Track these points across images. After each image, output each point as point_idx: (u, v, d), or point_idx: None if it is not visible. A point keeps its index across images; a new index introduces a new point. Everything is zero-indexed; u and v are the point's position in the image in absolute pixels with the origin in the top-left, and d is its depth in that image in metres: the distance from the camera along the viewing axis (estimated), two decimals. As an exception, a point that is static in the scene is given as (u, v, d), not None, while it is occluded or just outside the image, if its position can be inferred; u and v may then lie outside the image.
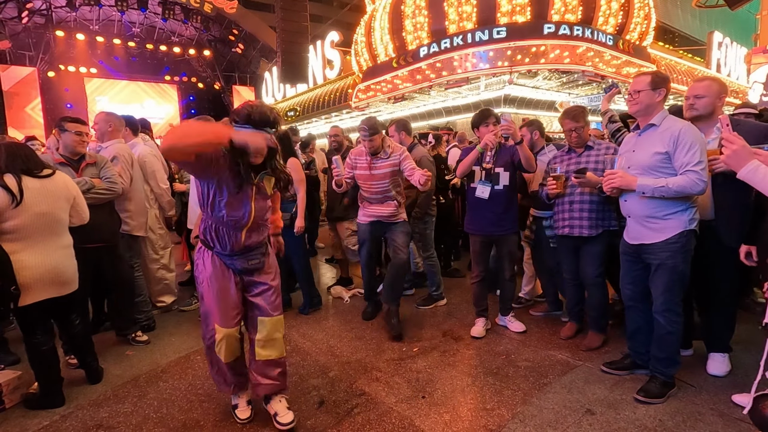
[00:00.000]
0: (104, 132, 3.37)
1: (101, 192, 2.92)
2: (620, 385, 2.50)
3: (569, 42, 10.66)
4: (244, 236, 2.09)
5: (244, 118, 1.93)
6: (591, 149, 2.91)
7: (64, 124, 2.90)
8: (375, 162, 3.28)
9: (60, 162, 2.89)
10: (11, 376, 2.53)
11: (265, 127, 1.96)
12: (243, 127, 1.93)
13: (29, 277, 2.31)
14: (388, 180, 3.30)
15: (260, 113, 1.93)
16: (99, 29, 17.20)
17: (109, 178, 2.98)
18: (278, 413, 2.20)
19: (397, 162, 3.25)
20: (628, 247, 2.45)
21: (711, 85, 2.41)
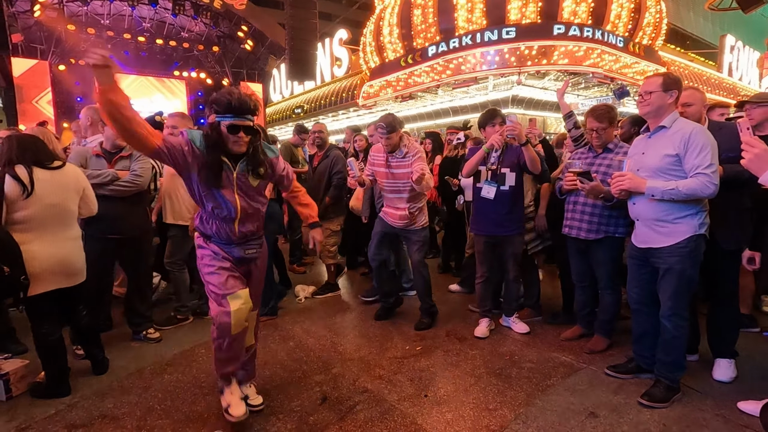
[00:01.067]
0: (85, 127, 3.38)
1: (123, 184, 2.95)
2: (624, 389, 2.49)
3: (579, 43, 10.59)
4: (237, 227, 2.11)
5: (225, 106, 1.93)
6: (610, 152, 2.84)
7: None
8: (391, 160, 3.29)
9: (97, 154, 2.95)
10: (19, 364, 2.56)
11: (246, 114, 1.97)
12: (224, 117, 1.94)
13: (39, 267, 2.34)
14: (405, 181, 3.27)
15: (240, 101, 1.93)
16: (110, 24, 17.32)
17: (134, 171, 3.02)
18: (249, 396, 2.34)
19: (410, 163, 3.22)
20: (636, 250, 2.43)
21: (694, 93, 2.40)
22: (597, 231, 2.81)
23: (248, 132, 2.00)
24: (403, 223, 3.37)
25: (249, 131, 2.00)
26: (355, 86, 15.68)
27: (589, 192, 2.72)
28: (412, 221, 3.37)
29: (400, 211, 3.36)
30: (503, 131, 2.97)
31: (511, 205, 3.13)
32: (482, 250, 3.27)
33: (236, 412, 2.10)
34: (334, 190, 4.00)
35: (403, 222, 3.36)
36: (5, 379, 2.45)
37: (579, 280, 3.09)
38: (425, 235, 3.48)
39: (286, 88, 20.71)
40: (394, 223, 3.41)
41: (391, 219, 3.42)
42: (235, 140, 1.98)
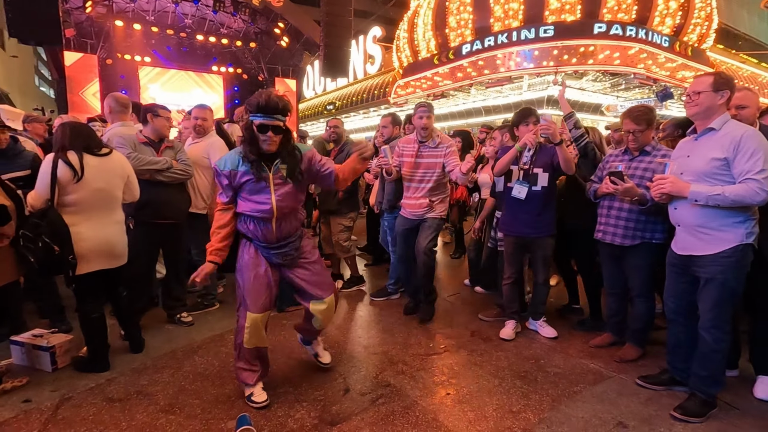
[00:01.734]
0: (107, 114, 3.46)
1: (178, 172, 3.10)
2: (656, 401, 2.40)
3: (621, 42, 10.21)
4: (275, 226, 2.19)
5: (255, 106, 2.04)
6: (647, 155, 2.73)
7: (157, 111, 3.13)
8: (422, 150, 3.33)
9: (143, 142, 3.09)
10: (64, 339, 2.73)
11: (275, 114, 2.05)
12: (255, 116, 2.05)
13: (85, 248, 2.48)
14: (431, 172, 3.31)
15: (268, 101, 2.03)
16: (154, 20, 18.04)
17: (184, 161, 3.17)
18: (318, 353, 2.68)
19: (443, 154, 3.24)
20: (676, 258, 2.33)
21: (749, 95, 2.27)
22: (633, 237, 2.71)
23: (277, 131, 2.08)
24: (422, 211, 3.40)
25: (278, 131, 2.08)
26: (387, 84, 15.71)
27: (623, 194, 2.63)
28: (430, 210, 3.40)
29: (420, 200, 3.40)
30: (537, 130, 2.91)
31: (542, 206, 3.07)
32: (511, 251, 3.22)
33: (259, 398, 2.27)
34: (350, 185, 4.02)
35: (422, 209, 3.40)
36: (52, 351, 2.61)
37: (611, 287, 2.99)
38: (438, 224, 3.48)
39: (318, 85, 20.99)
40: (413, 213, 3.43)
41: (410, 209, 3.45)
42: (264, 139, 2.07)
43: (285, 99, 2.11)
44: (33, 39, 8.52)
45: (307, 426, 2.14)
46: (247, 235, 2.26)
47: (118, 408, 2.26)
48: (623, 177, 2.60)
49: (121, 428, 2.10)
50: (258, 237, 2.22)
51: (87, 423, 2.13)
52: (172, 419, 2.17)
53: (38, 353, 2.62)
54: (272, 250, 2.23)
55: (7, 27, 7.96)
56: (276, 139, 2.09)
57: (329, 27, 10.99)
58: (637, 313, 2.84)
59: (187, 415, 2.21)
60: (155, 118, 3.11)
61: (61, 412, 2.22)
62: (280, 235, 2.22)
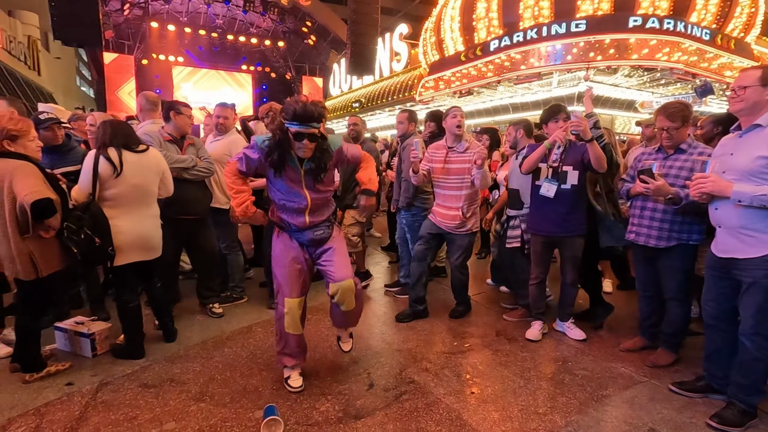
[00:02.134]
0: (137, 113, 3.60)
1: (202, 170, 3.20)
2: (690, 408, 2.31)
3: (657, 36, 9.79)
4: (307, 218, 2.27)
5: (291, 114, 2.08)
6: (682, 153, 2.62)
7: (179, 108, 3.20)
8: (451, 155, 3.30)
9: (168, 140, 3.18)
10: (103, 327, 2.86)
11: (310, 123, 2.09)
12: (291, 124, 2.09)
13: (123, 241, 2.59)
14: (461, 178, 3.26)
15: (305, 110, 2.06)
16: (187, 21, 18.60)
17: (207, 159, 3.27)
18: (341, 338, 2.68)
19: (471, 160, 3.20)
20: (716, 261, 2.22)
21: None
22: (668, 238, 2.61)
23: (312, 139, 2.13)
24: (454, 224, 3.33)
25: (313, 138, 2.13)
26: (413, 81, 15.64)
27: (654, 192, 2.53)
28: (463, 225, 3.32)
29: (453, 211, 3.31)
30: (567, 127, 2.84)
31: (571, 204, 2.99)
32: (539, 251, 3.16)
33: (294, 383, 2.41)
34: None
35: (455, 223, 3.32)
36: (92, 338, 2.75)
37: (644, 290, 2.90)
38: (470, 241, 3.43)
39: (345, 83, 21.09)
40: (443, 223, 3.36)
41: (441, 219, 3.37)
42: (300, 146, 2.13)
43: (320, 105, 2.14)
44: (75, 41, 8.94)
45: (332, 419, 2.17)
46: (279, 224, 2.33)
47: (152, 394, 2.36)
48: (653, 175, 2.51)
49: (155, 413, 2.19)
50: (292, 226, 2.30)
51: (124, 407, 2.23)
52: (203, 407, 2.25)
53: (80, 339, 2.77)
54: (305, 231, 2.31)
55: (51, 30, 8.38)
56: (311, 146, 2.15)
57: (356, 25, 11.04)
58: (671, 318, 2.74)
59: (217, 404, 2.28)
60: (177, 116, 3.19)
61: (101, 396, 2.33)
62: (312, 221, 2.30)
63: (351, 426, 2.12)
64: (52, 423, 2.09)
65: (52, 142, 3.11)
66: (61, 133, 3.19)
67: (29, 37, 14.95)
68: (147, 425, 2.10)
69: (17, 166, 2.26)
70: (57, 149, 3.18)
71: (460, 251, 3.42)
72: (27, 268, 2.30)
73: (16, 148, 2.31)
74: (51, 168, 2.96)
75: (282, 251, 2.33)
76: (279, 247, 2.34)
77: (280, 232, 2.36)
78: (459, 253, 3.43)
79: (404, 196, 3.90)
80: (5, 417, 2.14)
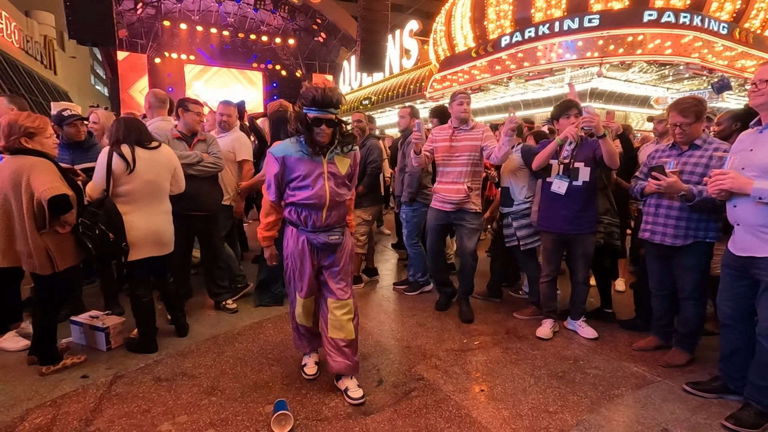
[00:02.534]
0: (146, 110, 3.56)
1: (208, 166, 3.22)
2: (705, 409, 2.27)
3: (673, 31, 9.60)
4: (324, 215, 2.25)
5: (310, 100, 2.10)
6: (697, 149, 2.57)
7: (187, 105, 3.23)
8: (457, 134, 3.27)
9: (177, 137, 3.22)
10: (117, 321, 2.92)
11: (328, 108, 2.11)
12: (309, 110, 2.11)
13: (136, 236, 2.63)
14: (467, 155, 3.23)
15: (324, 95, 2.09)
16: (199, 19, 18.76)
17: (215, 154, 3.29)
18: (349, 388, 2.32)
19: (480, 137, 3.20)
20: (733, 259, 2.17)
21: None
22: (685, 236, 2.56)
23: (330, 124, 2.15)
24: (459, 198, 3.24)
25: (331, 124, 2.16)
26: (423, 78, 15.58)
27: (666, 189, 2.49)
28: (467, 199, 3.25)
29: (458, 185, 3.26)
30: (579, 123, 2.80)
31: (583, 201, 2.96)
32: (550, 248, 3.13)
33: (309, 371, 2.52)
34: (368, 178, 3.97)
35: (459, 197, 3.24)
36: (107, 332, 2.80)
37: (658, 288, 2.85)
38: (480, 222, 3.38)
39: (354, 80, 21.09)
40: (448, 199, 3.28)
41: (445, 195, 3.30)
42: (318, 132, 2.14)
43: (338, 91, 2.16)
44: (90, 40, 9.07)
45: (341, 414, 2.18)
46: (294, 222, 2.32)
47: (165, 387, 2.40)
48: (665, 172, 2.46)
49: (168, 407, 2.22)
50: (308, 225, 2.28)
51: (137, 400, 2.27)
52: (214, 401, 2.28)
53: (95, 333, 2.82)
54: (319, 233, 2.29)
55: (67, 29, 8.52)
56: (329, 131, 2.17)
57: (366, 22, 11.02)
58: (686, 317, 2.69)
59: (228, 398, 2.31)
60: (185, 113, 3.22)
61: (115, 389, 2.37)
62: (328, 222, 2.29)
63: (360, 422, 2.12)
64: (68, 414, 2.14)
65: (75, 138, 3.16)
66: (84, 129, 3.26)
67: (45, 37, 15.21)
68: (160, 418, 2.13)
69: (34, 162, 2.31)
70: (79, 145, 3.24)
71: (474, 232, 3.32)
72: (44, 262, 2.35)
73: (33, 144, 2.36)
74: (72, 163, 3.02)
75: (295, 250, 2.33)
76: (292, 245, 2.35)
77: (293, 230, 2.34)
78: (474, 235, 3.33)
79: (407, 191, 3.89)
80: (23, 408, 2.19)
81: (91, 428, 2.03)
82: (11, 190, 2.29)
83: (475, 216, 3.33)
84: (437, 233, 3.48)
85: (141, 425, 2.07)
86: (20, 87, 11.16)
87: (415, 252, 4.00)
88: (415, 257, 4.01)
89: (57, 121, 3.10)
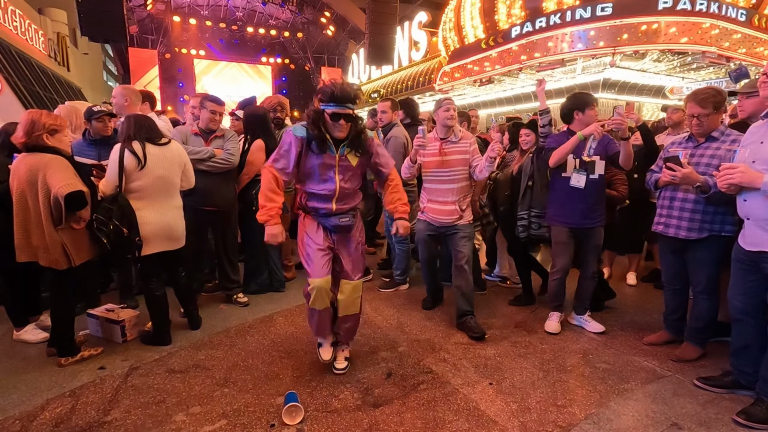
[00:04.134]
0: (121, 106, 3.46)
1: (220, 162, 3.25)
2: (716, 403, 2.25)
3: (689, 18, 9.35)
4: (334, 205, 2.32)
5: (329, 95, 2.14)
6: (714, 141, 2.52)
7: (204, 102, 3.28)
8: (445, 146, 3.09)
9: (195, 133, 3.29)
10: (132, 314, 2.98)
11: (346, 104, 2.15)
12: (327, 105, 2.14)
13: (149, 231, 2.68)
14: (459, 171, 3.08)
15: (342, 91, 2.12)
16: (208, 14, 18.82)
17: (228, 150, 3.30)
18: (337, 358, 2.55)
19: (467, 150, 3.07)
20: (744, 254, 2.14)
21: None
22: (700, 230, 2.52)
23: (348, 119, 2.18)
24: (451, 219, 3.10)
25: (349, 119, 2.18)
26: (432, 70, 15.44)
27: (681, 180, 2.46)
28: (460, 217, 3.11)
29: (449, 206, 3.10)
30: (608, 123, 2.78)
31: (597, 194, 2.97)
32: (564, 241, 3.06)
33: (324, 355, 2.52)
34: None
35: (452, 218, 3.10)
36: (122, 325, 2.87)
37: (670, 283, 2.82)
38: (472, 231, 3.22)
39: (363, 73, 20.99)
40: (439, 221, 3.14)
41: (436, 216, 3.14)
42: (336, 126, 2.19)
43: (356, 87, 2.20)
44: (101, 37, 9.17)
45: (350, 406, 2.22)
46: (305, 209, 2.40)
47: (179, 379, 2.45)
48: (681, 162, 2.42)
49: (182, 398, 2.28)
50: (318, 211, 2.35)
51: (152, 391, 2.33)
52: (227, 392, 2.33)
53: (110, 326, 2.89)
54: (330, 217, 2.36)
55: (79, 27, 8.62)
56: (347, 126, 2.21)
57: (375, 14, 10.96)
58: (699, 311, 2.66)
59: (240, 389, 2.35)
60: (202, 110, 3.29)
61: (131, 380, 2.44)
62: (339, 209, 2.34)
63: (369, 414, 2.15)
64: (86, 405, 2.21)
65: (102, 133, 3.17)
66: (111, 124, 3.27)
67: (58, 34, 15.39)
68: (174, 408, 2.18)
69: (50, 159, 2.36)
70: (106, 141, 3.22)
71: (466, 241, 3.12)
72: (60, 257, 2.41)
73: (53, 141, 2.43)
74: (99, 159, 3.06)
75: (307, 232, 2.39)
76: (304, 230, 2.41)
77: (305, 215, 2.41)
78: (466, 240, 3.12)
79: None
80: (44, 398, 2.26)
81: (109, 418, 2.10)
82: (28, 187, 2.35)
83: (469, 226, 3.17)
84: (428, 244, 3.31)
85: (156, 415, 2.12)
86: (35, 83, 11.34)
87: (401, 249, 3.91)
88: (399, 255, 3.92)
89: (87, 116, 3.17)
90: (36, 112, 2.45)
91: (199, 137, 3.29)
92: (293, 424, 2.06)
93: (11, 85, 9.68)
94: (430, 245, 3.36)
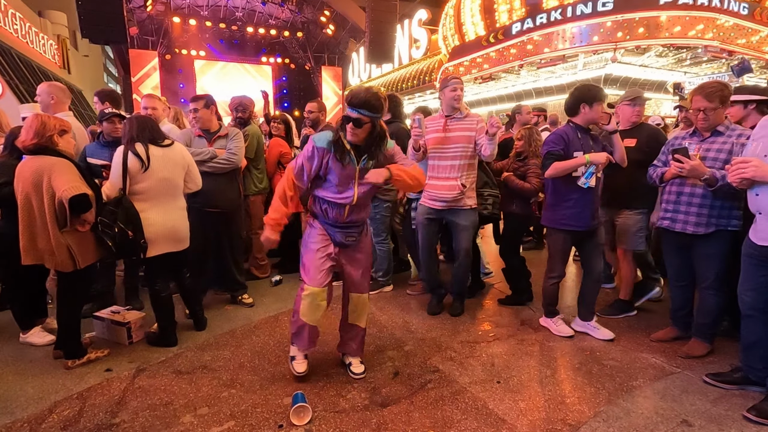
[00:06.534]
0: (47, 104, 3.36)
1: (221, 162, 3.24)
2: (726, 400, 2.24)
3: (691, 12, 9.31)
4: (347, 212, 2.30)
5: (347, 99, 2.14)
6: (720, 135, 2.50)
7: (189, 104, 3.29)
8: (450, 123, 3.07)
9: (198, 134, 3.30)
10: (138, 316, 2.98)
11: (359, 108, 2.10)
12: (356, 110, 2.09)
13: (153, 233, 2.67)
14: (462, 147, 3.04)
15: (358, 95, 2.10)
16: (208, 14, 18.79)
17: (230, 150, 3.29)
18: (352, 363, 2.55)
19: (474, 128, 3.03)
20: (755, 248, 2.12)
21: None
22: (707, 224, 2.51)
23: (357, 124, 2.13)
24: (452, 196, 3.05)
25: (358, 124, 2.13)
26: (432, 68, 15.41)
27: (689, 173, 2.43)
28: (461, 196, 3.05)
29: (451, 181, 3.06)
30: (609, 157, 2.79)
31: (599, 193, 2.96)
32: (565, 249, 3.00)
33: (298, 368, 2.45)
34: None
35: (453, 195, 3.04)
36: (128, 327, 2.87)
37: (677, 279, 2.81)
38: (474, 219, 3.19)
39: (364, 72, 20.94)
40: (440, 197, 3.09)
41: (437, 192, 3.10)
42: (348, 130, 2.15)
43: (379, 97, 2.11)
44: (102, 38, 9.16)
45: (358, 406, 2.21)
46: (315, 213, 2.39)
47: (186, 380, 2.45)
48: (688, 154, 2.40)
49: (189, 399, 2.27)
50: (328, 217, 2.34)
51: (159, 392, 2.33)
52: (234, 393, 2.32)
53: (117, 328, 2.89)
54: (338, 228, 2.35)
55: (79, 29, 8.61)
56: (356, 131, 2.14)
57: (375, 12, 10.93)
58: (706, 307, 2.65)
59: (247, 390, 2.35)
60: (207, 111, 3.28)
61: (138, 382, 2.44)
62: (349, 220, 2.33)
63: (377, 413, 2.15)
64: (93, 407, 2.21)
65: (113, 134, 3.16)
66: (121, 126, 3.25)
67: (59, 36, 15.41)
68: (182, 410, 2.18)
69: (55, 162, 2.36)
70: (117, 142, 3.22)
71: (469, 230, 3.11)
72: (65, 260, 2.41)
73: (62, 142, 2.45)
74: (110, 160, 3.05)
75: (314, 238, 2.38)
76: (311, 233, 2.40)
77: (314, 219, 2.40)
78: (469, 233, 3.12)
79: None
80: (51, 400, 2.26)
81: (116, 420, 2.10)
82: (33, 189, 2.35)
83: (469, 213, 3.15)
84: (427, 228, 3.24)
85: (164, 417, 2.12)
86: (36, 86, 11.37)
87: (382, 250, 3.82)
88: (381, 255, 3.83)
89: (99, 118, 3.19)
90: (42, 114, 2.47)
91: (202, 138, 3.29)
92: (301, 424, 2.05)
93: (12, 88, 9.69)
94: (429, 230, 3.25)
